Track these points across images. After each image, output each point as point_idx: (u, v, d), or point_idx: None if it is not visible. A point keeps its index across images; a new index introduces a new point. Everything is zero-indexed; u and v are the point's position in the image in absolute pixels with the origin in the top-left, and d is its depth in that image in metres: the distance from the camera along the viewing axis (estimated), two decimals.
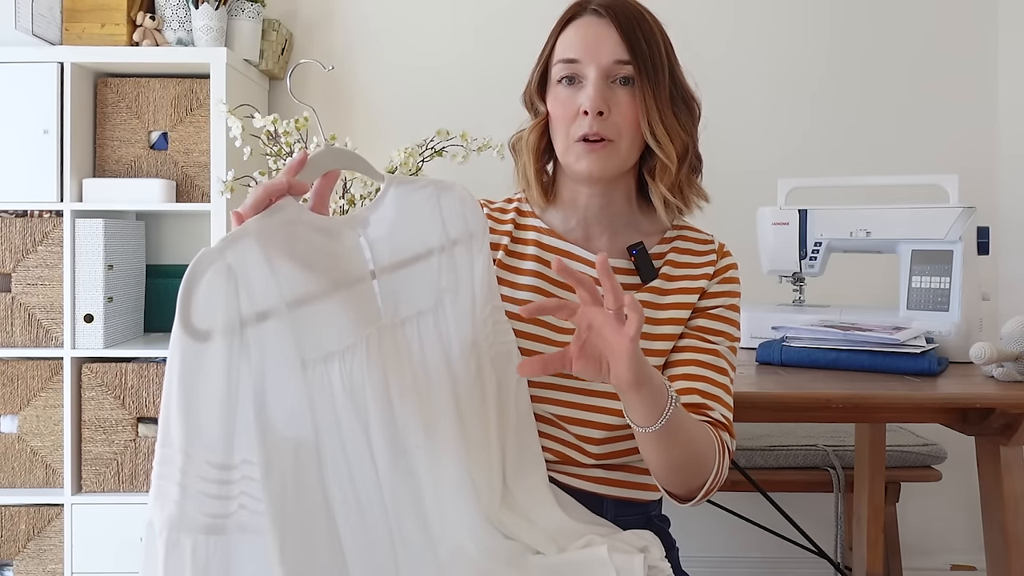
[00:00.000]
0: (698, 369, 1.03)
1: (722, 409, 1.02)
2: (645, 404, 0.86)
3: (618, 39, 1.00)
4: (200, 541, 0.71)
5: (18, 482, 1.96)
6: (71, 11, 2.00)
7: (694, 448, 0.93)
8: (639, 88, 1.01)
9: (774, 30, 2.32)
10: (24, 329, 1.95)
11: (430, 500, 0.86)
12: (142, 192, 1.97)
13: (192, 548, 0.70)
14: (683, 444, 0.92)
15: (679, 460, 0.93)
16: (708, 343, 1.05)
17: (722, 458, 0.97)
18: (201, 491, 0.71)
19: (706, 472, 0.95)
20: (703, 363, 1.03)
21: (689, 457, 0.93)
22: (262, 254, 0.75)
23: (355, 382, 0.81)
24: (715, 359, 1.04)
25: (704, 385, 1.02)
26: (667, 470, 0.94)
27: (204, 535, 0.71)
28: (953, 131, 2.30)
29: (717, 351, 1.05)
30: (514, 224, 1.12)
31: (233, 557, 0.72)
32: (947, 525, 2.33)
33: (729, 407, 1.03)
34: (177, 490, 0.70)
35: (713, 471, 0.96)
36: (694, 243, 1.11)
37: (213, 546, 0.71)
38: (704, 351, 1.04)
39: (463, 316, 0.94)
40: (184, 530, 0.70)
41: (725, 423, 1.01)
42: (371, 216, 0.89)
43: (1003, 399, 1.31)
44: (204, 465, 0.71)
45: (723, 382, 1.04)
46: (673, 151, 1.02)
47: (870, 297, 2.09)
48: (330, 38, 2.35)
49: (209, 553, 0.71)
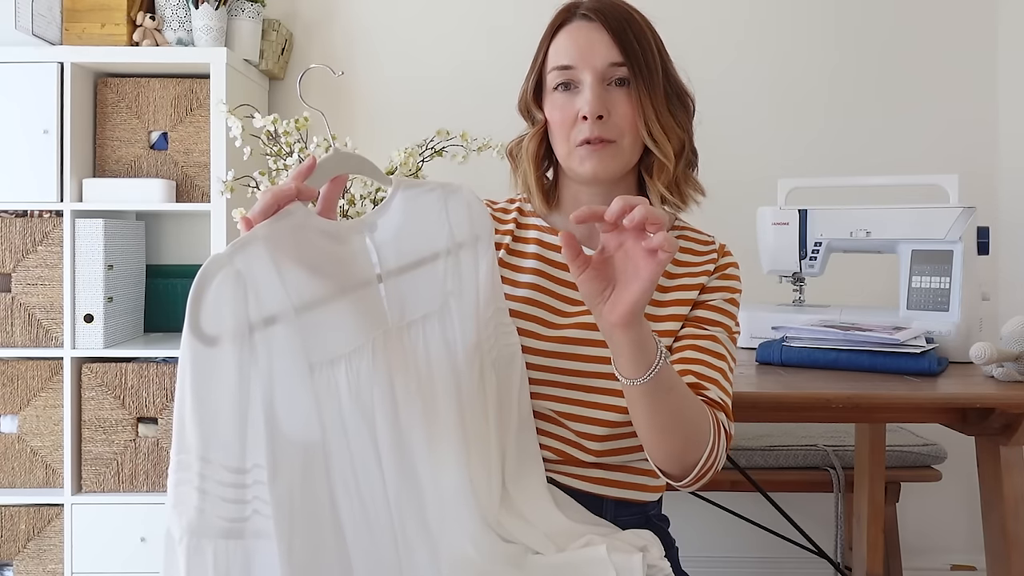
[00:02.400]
0: (695, 353, 1.02)
1: (719, 391, 0.99)
2: (635, 350, 0.84)
3: (610, 42, 1.01)
4: (220, 546, 0.71)
5: (18, 482, 1.96)
6: (71, 11, 2.00)
7: (686, 415, 0.90)
8: (634, 88, 1.02)
9: (775, 31, 2.32)
10: (24, 329, 1.95)
11: (431, 502, 0.86)
12: (142, 192, 1.97)
13: (213, 553, 0.70)
14: (674, 407, 0.89)
15: (670, 424, 0.90)
16: (705, 330, 1.05)
17: (718, 435, 0.94)
18: (220, 496, 0.71)
19: (701, 446, 0.92)
20: (700, 347, 1.03)
21: (680, 423, 0.90)
22: (270, 259, 0.75)
23: (361, 385, 0.82)
24: (713, 344, 1.03)
25: (701, 367, 1.01)
26: (659, 436, 0.91)
27: (224, 540, 0.71)
28: (953, 131, 2.30)
29: (715, 337, 1.04)
30: (516, 223, 1.13)
31: (252, 562, 0.73)
32: (947, 525, 2.33)
33: (727, 391, 1.01)
34: (197, 495, 0.70)
35: (708, 446, 0.92)
36: (695, 243, 1.12)
37: (233, 550, 0.72)
38: (702, 337, 1.04)
39: (467, 318, 0.94)
40: (205, 536, 0.70)
41: (722, 404, 0.99)
42: (378, 220, 0.89)
43: (1003, 399, 1.32)
44: (221, 469, 0.71)
45: (720, 366, 1.02)
46: (670, 148, 1.03)
47: (870, 297, 2.09)
48: (330, 38, 2.35)
49: (230, 558, 0.71)
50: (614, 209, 0.78)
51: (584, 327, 1.04)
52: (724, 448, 0.96)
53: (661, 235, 0.77)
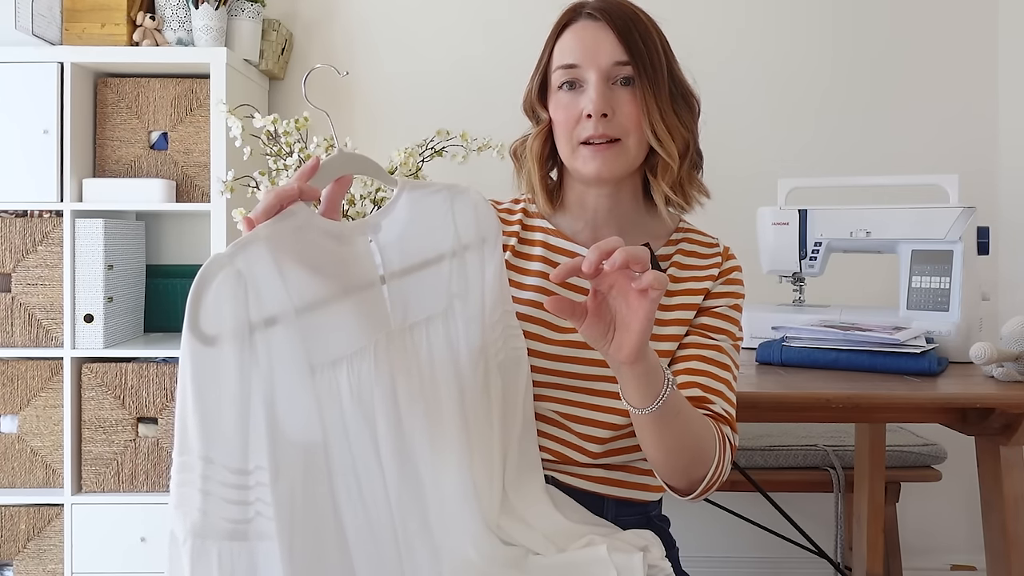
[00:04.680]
0: (700, 364, 1.03)
1: (724, 403, 1.01)
2: (641, 382, 0.85)
3: (615, 41, 1.01)
4: (225, 548, 0.71)
5: (18, 482, 1.96)
6: (71, 11, 2.00)
7: (692, 435, 0.93)
8: (639, 87, 1.01)
9: (775, 31, 2.32)
10: (24, 329, 1.95)
11: (433, 505, 0.86)
12: (142, 192, 1.97)
13: (218, 555, 0.70)
14: (681, 429, 0.91)
15: (677, 446, 0.92)
16: (711, 339, 1.05)
17: (723, 451, 0.96)
18: (223, 497, 0.71)
19: (707, 462, 0.94)
20: (706, 358, 1.03)
21: (687, 443, 0.92)
22: (272, 260, 0.75)
23: (363, 387, 0.81)
24: (718, 355, 1.04)
25: (706, 379, 1.02)
26: (665, 456, 0.93)
27: (228, 541, 0.71)
28: (953, 131, 2.30)
29: (720, 347, 1.05)
30: (521, 225, 1.12)
31: (258, 563, 0.72)
32: (947, 525, 2.33)
33: (731, 402, 1.03)
34: (200, 497, 0.70)
35: (714, 463, 0.95)
36: (699, 245, 1.12)
37: (238, 552, 0.71)
38: (707, 347, 1.04)
39: (472, 321, 0.93)
40: (209, 537, 0.70)
41: (727, 417, 1.01)
42: (382, 221, 0.89)
43: (1003, 399, 1.32)
44: (224, 470, 0.71)
45: (725, 377, 1.03)
46: (675, 148, 1.03)
47: (870, 297, 2.09)
48: (330, 38, 2.35)
49: (235, 559, 0.71)
50: (590, 259, 0.77)
51: None
52: (729, 461, 0.97)
53: (649, 274, 0.77)
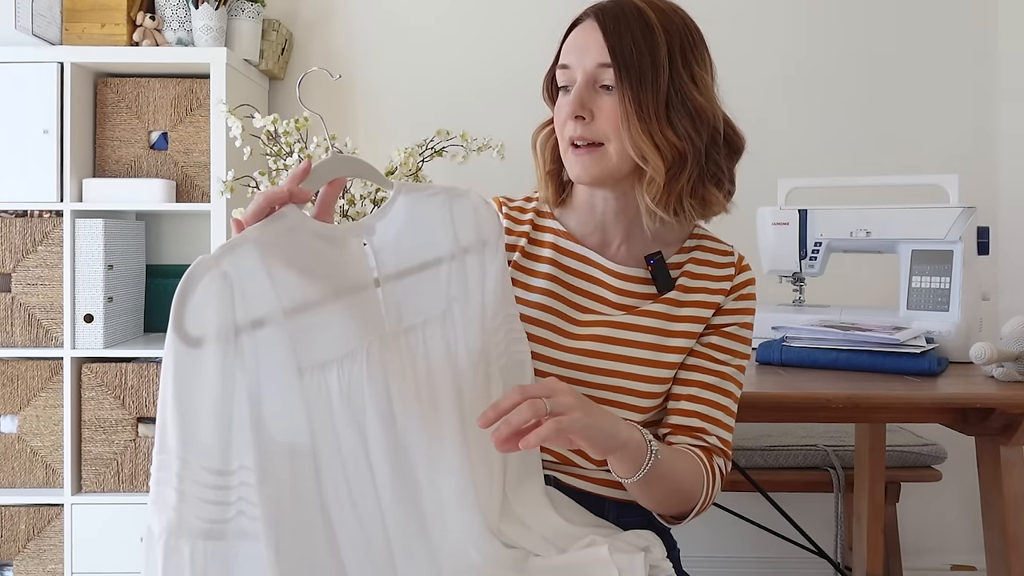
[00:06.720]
0: (702, 391, 1.03)
1: (720, 432, 1.03)
2: (624, 461, 0.90)
3: (601, 42, 0.98)
4: (199, 546, 0.70)
5: (18, 482, 1.96)
6: (71, 11, 2.00)
7: (679, 487, 0.97)
8: (618, 92, 0.97)
9: (774, 30, 2.32)
10: (24, 329, 1.95)
11: (431, 508, 0.86)
12: (142, 192, 1.97)
13: (191, 553, 0.70)
14: (667, 485, 0.95)
15: (663, 497, 0.97)
16: (716, 362, 1.05)
17: (711, 485, 0.99)
18: (199, 497, 0.70)
19: (694, 501, 0.99)
20: (708, 385, 1.03)
21: (674, 494, 0.97)
22: (260, 261, 0.75)
23: (353, 390, 0.81)
24: (721, 381, 1.04)
25: (706, 408, 1.02)
26: (655, 504, 0.99)
27: (203, 540, 0.70)
28: (953, 131, 2.30)
29: (724, 373, 1.05)
30: (532, 225, 1.11)
31: (233, 562, 0.72)
32: (947, 525, 2.33)
33: (728, 428, 1.04)
34: (175, 496, 0.70)
35: (701, 498, 0.99)
36: (713, 254, 1.09)
37: (212, 551, 0.71)
38: (711, 372, 1.04)
39: (472, 325, 0.93)
40: (183, 535, 0.70)
41: (721, 448, 1.02)
42: (377, 224, 0.88)
43: (1003, 399, 1.32)
44: (201, 471, 0.70)
45: (725, 404, 1.04)
46: (660, 160, 0.96)
47: (870, 297, 2.09)
48: (330, 38, 2.35)
49: (208, 558, 0.71)
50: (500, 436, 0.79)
51: (597, 339, 1.03)
52: (718, 490, 1.02)
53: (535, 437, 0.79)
